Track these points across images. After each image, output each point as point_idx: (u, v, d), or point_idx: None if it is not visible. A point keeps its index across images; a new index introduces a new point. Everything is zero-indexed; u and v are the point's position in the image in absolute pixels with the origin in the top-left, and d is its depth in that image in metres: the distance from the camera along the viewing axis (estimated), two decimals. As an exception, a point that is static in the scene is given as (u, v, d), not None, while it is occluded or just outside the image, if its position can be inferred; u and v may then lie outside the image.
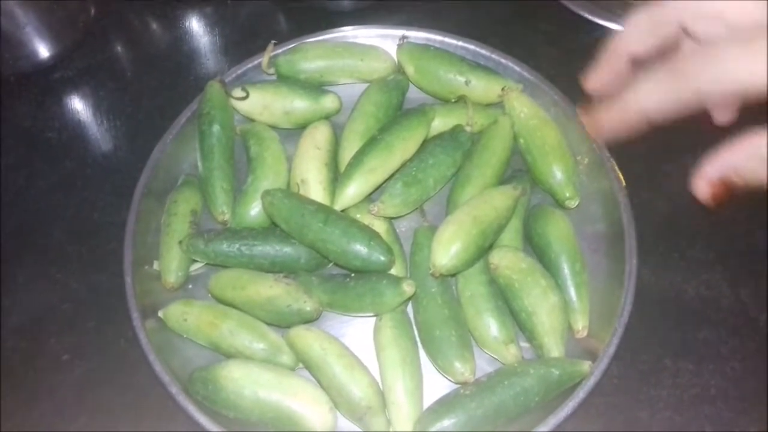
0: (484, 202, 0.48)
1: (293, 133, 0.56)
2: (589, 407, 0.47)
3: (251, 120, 0.56)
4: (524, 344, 0.48)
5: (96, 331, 0.52)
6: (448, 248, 0.46)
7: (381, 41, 0.58)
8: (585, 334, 0.48)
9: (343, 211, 0.51)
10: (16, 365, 0.51)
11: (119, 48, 0.68)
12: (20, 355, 0.52)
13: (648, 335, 0.51)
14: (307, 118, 0.55)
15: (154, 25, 0.70)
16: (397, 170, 0.52)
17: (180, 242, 0.50)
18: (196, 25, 0.69)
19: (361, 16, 0.66)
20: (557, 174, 0.52)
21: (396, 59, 0.58)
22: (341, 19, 0.62)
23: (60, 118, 0.64)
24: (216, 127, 0.53)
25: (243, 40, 0.67)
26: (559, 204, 0.52)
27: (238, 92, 0.54)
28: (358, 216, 0.51)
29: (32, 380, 0.51)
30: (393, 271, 0.49)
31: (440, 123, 0.55)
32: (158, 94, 0.64)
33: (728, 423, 0.48)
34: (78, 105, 0.65)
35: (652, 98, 0.39)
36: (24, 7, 0.61)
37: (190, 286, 0.52)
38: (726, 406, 0.48)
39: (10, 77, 0.66)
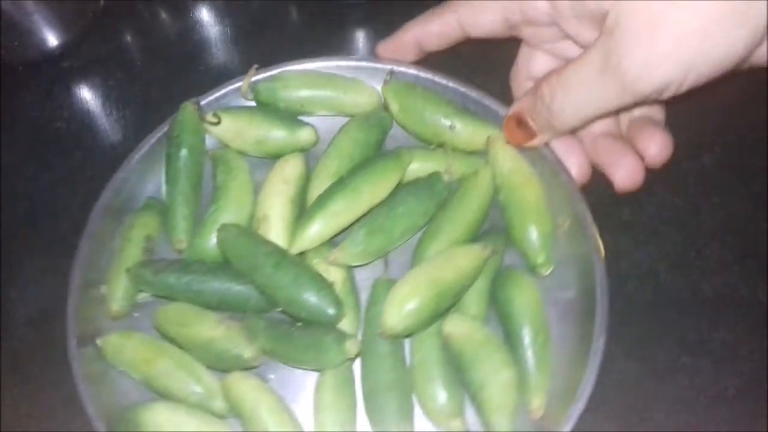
0: (447, 262, 0.46)
1: (269, 163, 0.53)
2: (605, 407, 0.46)
3: (226, 145, 0.54)
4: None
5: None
6: (400, 310, 0.43)
7: (369, 75, 0.55)
8: (541, 413, 0.45)
9: (301, 253, 0.48)
10: (23, 357, 0.51)
11: (129, 37, 0.67)
12: (28, 346, 0.52)
13: (664, 334, 0.50)
14: (280, 149, 0.53)
15: (164, 15, 0.68)
16: (365, 215, 0.49)
17: (127, 270, 0.48)
18: (206, 15, 0.67)
19: (373, 10, 0.64)
20: (532, 238, 0.48)
21: (381, 95, 0.55)
22: (353, 12, 0.60)
23: (68, 107, 0.63)
24: (184, 152, 0.51)
25: (253, 31, 0.65)
26: (531, 269, 0.49)
27: (210, 117, 0.52)
28: (316, 261, 0.48)
29: (40, 372, 0.51)
30: (345, 323, 0.46)
31: (418, 167, 0.52)
32: (168, 84, 0.63)
33: (746, 424, 0.46)
34: (87, 95, 0.64)
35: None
36: (32, -6, 0.60)
37: (137, 315, 0.50)
38: (744, 407, 0.47)
39: (18, 66, 0.65)
